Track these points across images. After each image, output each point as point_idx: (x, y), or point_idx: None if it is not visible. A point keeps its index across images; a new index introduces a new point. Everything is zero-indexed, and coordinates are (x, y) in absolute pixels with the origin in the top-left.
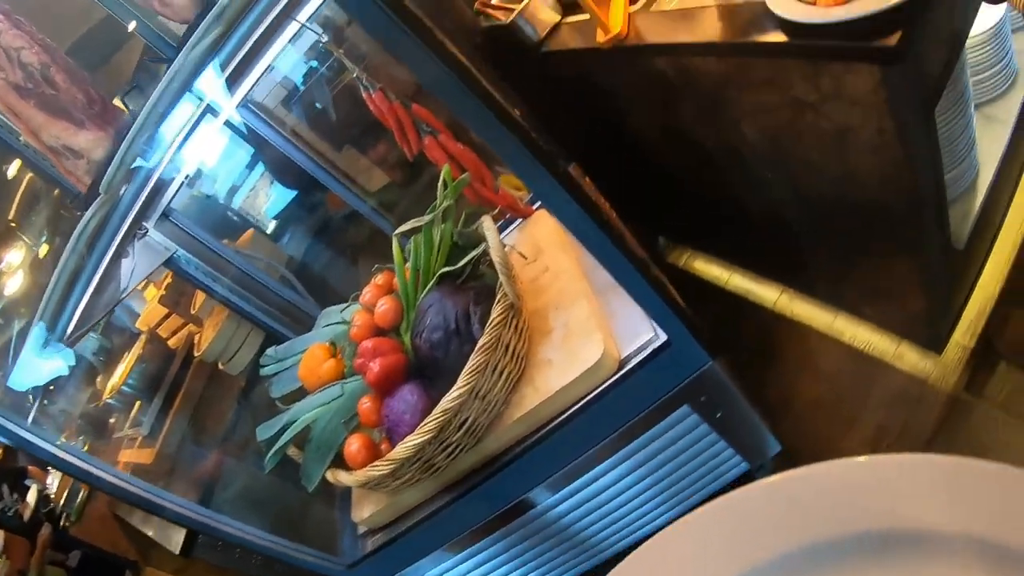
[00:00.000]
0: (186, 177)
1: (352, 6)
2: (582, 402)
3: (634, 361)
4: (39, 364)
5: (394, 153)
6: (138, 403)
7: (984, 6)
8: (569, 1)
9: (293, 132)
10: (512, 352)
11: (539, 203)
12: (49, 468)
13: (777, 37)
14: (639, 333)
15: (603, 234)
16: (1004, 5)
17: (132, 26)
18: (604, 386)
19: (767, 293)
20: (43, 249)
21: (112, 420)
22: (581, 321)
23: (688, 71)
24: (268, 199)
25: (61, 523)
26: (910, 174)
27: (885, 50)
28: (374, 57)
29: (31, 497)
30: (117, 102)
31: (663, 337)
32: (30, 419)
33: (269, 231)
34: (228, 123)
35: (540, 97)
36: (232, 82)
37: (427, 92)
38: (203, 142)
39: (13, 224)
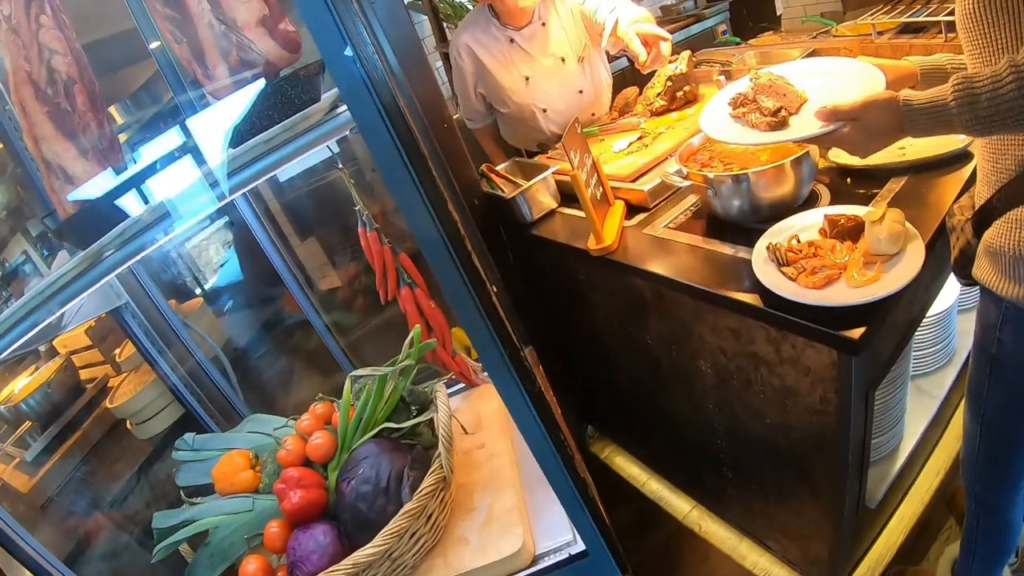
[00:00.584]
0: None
1: (371, 139)
2: None
3: (549, 561)
4: None
5: (362, 281)
6: (28, 423)
7: (948, 288)
8: (569, 193)
9: (266, 212)
10: (433, 522)
11: None
12: None
13: (754, 299)
14: (558, 534)
15: (547, 438)
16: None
17: (155, 45)
18: None
19: (680, 504)
20: None
21: None
22: (505, 509)
23: (663, 297)
24: (221, 267)
25: None
26: (840, 439)
27: (847, 341)
28: (380, 196)
29: None
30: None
31: (581, 546)
32: None
33: (217, 306)
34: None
35: (521, 264)
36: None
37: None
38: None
39: None
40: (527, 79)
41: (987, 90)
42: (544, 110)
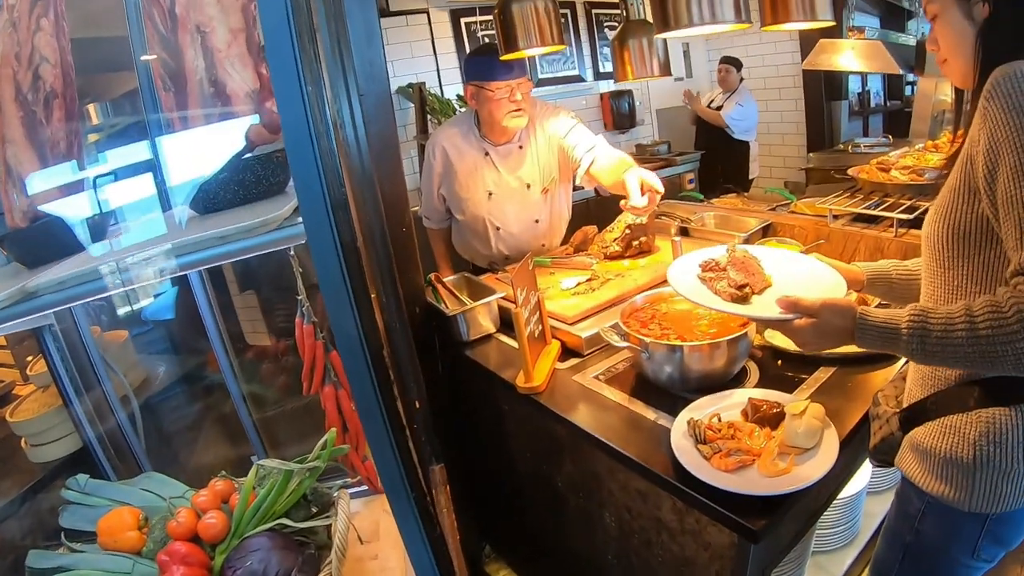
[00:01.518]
0: None
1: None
2: None
3: None
4: None
5: (290, 360)
6: None
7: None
8: (509, 320)
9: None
10: None
11: None
12: None
13: (665, 471)
14: None
15: (434, 568)
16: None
17: (148, 58)
18: None
19: None
20: None
21: None
22: None
23: (579, 446)
24: (156, 297)
25: None
26: None
27: (749, 530)
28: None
29: None
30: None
31: None
32: None
33: (140, 343)
34: None
35: (450, 377)
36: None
37: None
38: None
39: None
40: (490, 194)
41: (939, 330)
42: (498, 228)
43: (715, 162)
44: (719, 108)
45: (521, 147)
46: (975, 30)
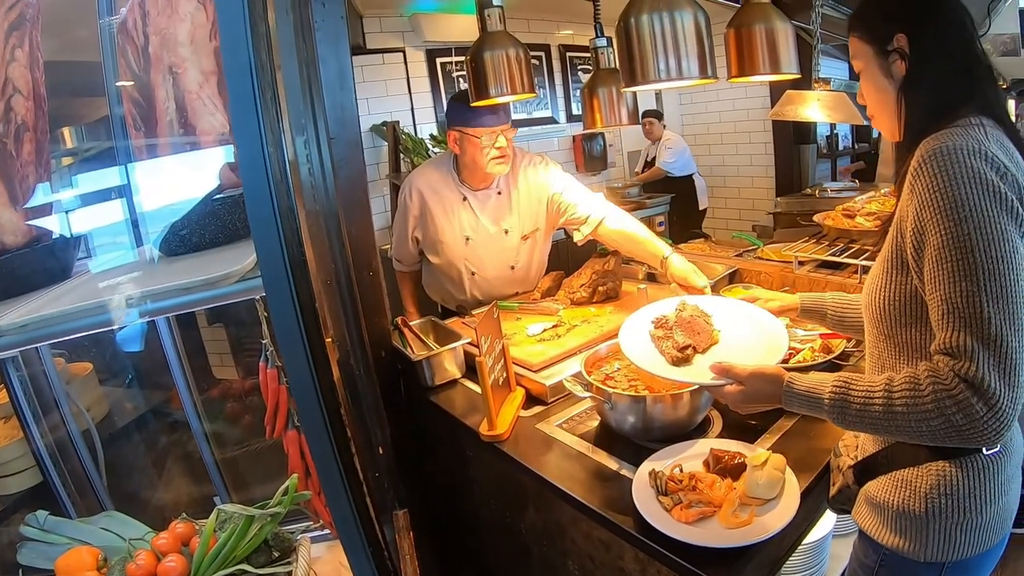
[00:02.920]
0: None
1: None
2: None
3: None
4: None
5: (255, 400)
6: None
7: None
8: (473, 365)
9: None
10: None
11: None
12: None
13: (627, 522)
14: None
15: None
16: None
17: (127, 85)
18: None
19: None
20: None
21: None
22: None
23: (543, 495)
24: (119, 330)
25: None
26: None
27: None
28: None
29: None
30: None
31: None
32: None
33: (104, 376)
34: None
35: (414, 421)
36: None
37: None
38: None
39: None
40: (467, 239)
41: (859, 401)
42: (473, 273)
43: (687, 208)
44: (654, 160)
45: (500, 193)
46: (895, 87)
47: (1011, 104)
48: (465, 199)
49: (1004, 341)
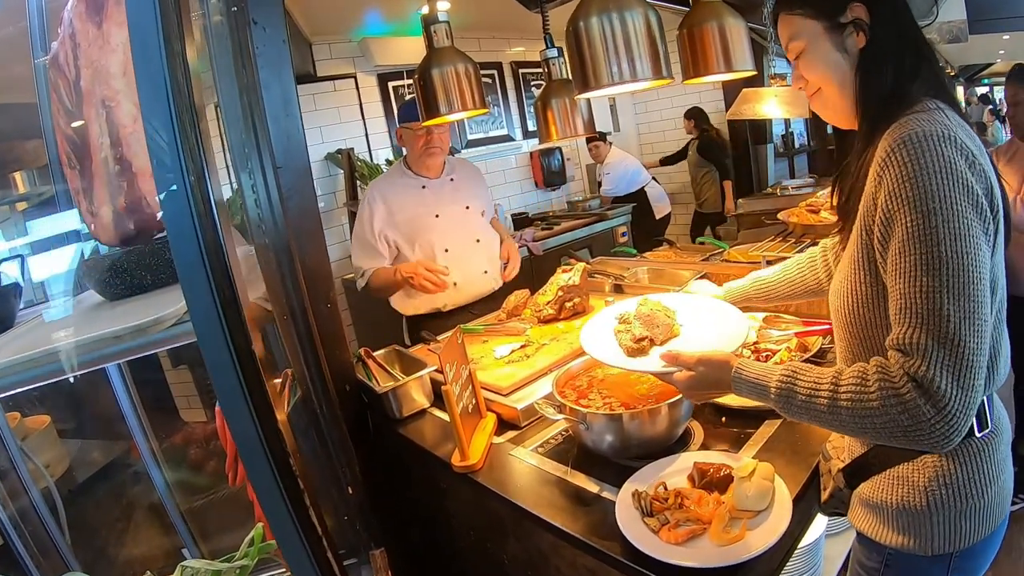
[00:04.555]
0: None
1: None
2: None
3: None
4: None
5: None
6: None
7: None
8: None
9: None
10: None
11: None
12: None
13: (612, 548)
14: None
15: None
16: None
17: (60, 122)
18: None
19: None
20: None
21: None
22: None
23: (523, 524)
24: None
25: None
26: None
27: None
28: None
29: None
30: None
31: None
32: None
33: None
34: None
35: (385, 455)
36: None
37: None
38: None
39: None
40: (437, 216)
41: (804, 394)
42: (446, 250)
43: (650, 217)
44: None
45: (452, 179)
46: (851, 63)
47: (960, 90)
48: (424, 187)
49: (962, 341)
